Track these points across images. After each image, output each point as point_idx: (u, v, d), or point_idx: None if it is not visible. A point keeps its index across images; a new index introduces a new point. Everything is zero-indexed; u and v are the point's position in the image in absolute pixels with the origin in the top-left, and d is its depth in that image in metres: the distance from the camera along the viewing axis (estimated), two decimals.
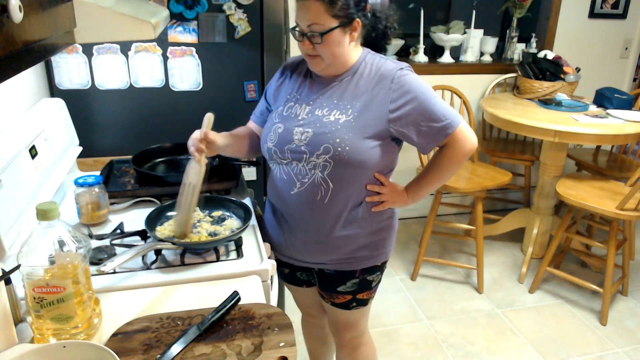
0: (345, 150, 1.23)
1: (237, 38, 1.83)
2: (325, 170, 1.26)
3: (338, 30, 1.21)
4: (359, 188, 1.32)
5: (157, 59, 1.81)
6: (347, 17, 1.21)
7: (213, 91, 1.87)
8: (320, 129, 1.26)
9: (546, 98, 2.99)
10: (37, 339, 0.97)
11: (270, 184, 1.43)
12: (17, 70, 0.69)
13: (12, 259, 1.00)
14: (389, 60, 1.31)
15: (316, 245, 1.37)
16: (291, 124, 1.30)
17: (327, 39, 1.21)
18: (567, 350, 2.34)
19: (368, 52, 1.32)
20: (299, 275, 1.57)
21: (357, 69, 1.29)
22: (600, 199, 2.45)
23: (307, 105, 1.31)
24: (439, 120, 1.26)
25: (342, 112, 1.26)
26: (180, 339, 0.97)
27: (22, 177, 1.25)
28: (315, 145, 1.25)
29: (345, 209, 1.32)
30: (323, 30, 1.20)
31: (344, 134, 1.24)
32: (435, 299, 2.69)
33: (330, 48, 1.23)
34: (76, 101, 1.78)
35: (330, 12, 1.19)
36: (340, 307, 1.49)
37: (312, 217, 1.33)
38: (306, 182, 1.29)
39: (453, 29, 3.27)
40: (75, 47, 1.75)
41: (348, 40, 1.24)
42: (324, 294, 1.50)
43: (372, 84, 1.27)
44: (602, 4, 3.47)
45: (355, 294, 1.45)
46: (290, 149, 1.29)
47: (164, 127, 1.88)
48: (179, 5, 1.75)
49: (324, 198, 1.29)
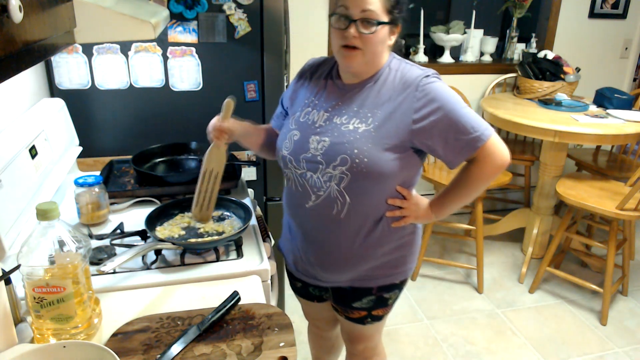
0: (363, 162, 1.16)
1: (237, 38, 1.83)
2: (341, 182, 1.19)
3: (387, 28, 1.16)
4: (378, 203, 1.24)
5: (157, 59, 1.81)
6: (395, 18, 1.17)
7: (213, 91, 1.87)
8: (337, 138, 1.19)
9: (546, 98, 2.99)
10: (37, 339, 0.97)
11: (285, 195, 1.37)
12: (17, 70, 0.69)
13: (12, 259, 1.00)
14: (414, 67, 1.23)
15: (332, 262, 1.32)
16: (307, 131, 1.24)
17: (378, 31, 1.14)
18: (567, 350, 2.34)
19: (393, 58, 1.25)
20: (311, 290, 1.51)
21: (381, 75, 1.22)
22: (600, 199, 2.45)
23: (325, 112, 1.24)
24: (467, 132, 1.16)
25: (361, 120, 1.19)
26: (180, 339, 0.97)
27: (22, 177, 1.25)
28: (332, 155, 1.19)
29: (364, 225, 1.25)
30: (380, 20, 1.13)
31: (362, 144, 1.16)
32: (435, 299, 2.69)
33: (374, 44, 1.16)
34: (76, 101, 1.78)
35: (386, 6, 1.14)
36: (354, 321, 1.44)
37: (328, 233, 1.27)
38: (321, 195, 1.23)
39: (453, 29, 3.27)
40: (75, 47, 1.75)
41: (388, 41, 1.20)
42: (339, 307, 1.45)
43: (396, 92, 1.19)
44: (602, 4, 3.47)
45: (370, 311, 1.39)
46: (305, 158, 1.23)
47: (164, 127, 1.88)
48: (179, 5, 1.75)
49: (340, 212, 1.23)
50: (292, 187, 1.30)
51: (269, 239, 1.40)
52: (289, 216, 1.37)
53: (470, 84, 3.34)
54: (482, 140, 1.17)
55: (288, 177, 1.31)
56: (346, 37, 1.15)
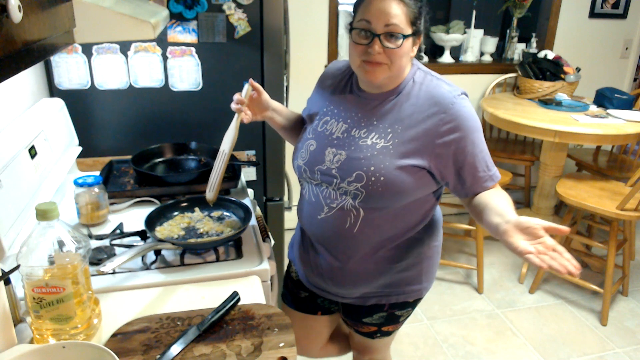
0: (379, 181, 1.11)
1: (237, 38, 1.83)
2: (356, 198, 1.15)
3: (410, 40, 1.11)
4: (394, 219, 1.19)
5: (157, 59, 1.80)
6: (418, 29, 1.13)
7: (213, 91, 1.87)
8: (354, 153, 1.15)
9: (546, 98, 2.98)
10: (37, 339, 0.97)
11: (299, 204, 1.33)
12: (17, 70, 0.69)
13: (12, 259, 1.00)
14: (442, 82, 1.17)
15: (344, 276, 1.27)
16: (324, 142, 1.20)
17: (403, 45, 1.10)
18: (567, 351, 2.34)
19: (418, 69, 1.19)
20: (320, 302, 1.47)
21: (404, 87, 1.16)
22: (600, 199, 2.45)
23: (344, 123, 1.20)
24: (483, 169, 1.14)
25: (380, 136, 1.14)
26: (180, 339, 0.97)
27: (22, 177, 1.25)
28: (348, 170, 1.15)
29: (378, 240, 1.21)
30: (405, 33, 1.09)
31: (379, 161, 1.12)
32: (435, 299, 2.69)
33: (399, 57, 1.10)
34: (76, 101, 1.78)
35: (410, 17, 1.09)
36: (363, 335, 1.41)
37: (340, 246, 1.23)
38: (334, 207, 1.19)
39: (453, 29, 3.27)
40: (75, 47, 1.75)
41: (411, 53, 1.14)
42: (348, 321, 1.43)
43: (420, 109, 1.13)
44: (602, 4, 3.47)
45: (380, 327, 1.37)
46: (320, 170, 1.19)
47: (164, 127, 1.88)
48: (178, 5, 1.75)
49: (353, 227, 1.18)
50: (305, 196, 1.28)
51: (268, 239, 1.40)
52: (302, 226, 1.34)
53: (470, 84, 3.34)
54: (493, 181, 1.16)
55: (303, 185, 1.29)
56: (369, 53, 1.10)
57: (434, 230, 1.32)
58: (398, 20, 1.08)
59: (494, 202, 1.09)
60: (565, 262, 0.89)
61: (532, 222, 0.94)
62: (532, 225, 0.93)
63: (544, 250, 0.91)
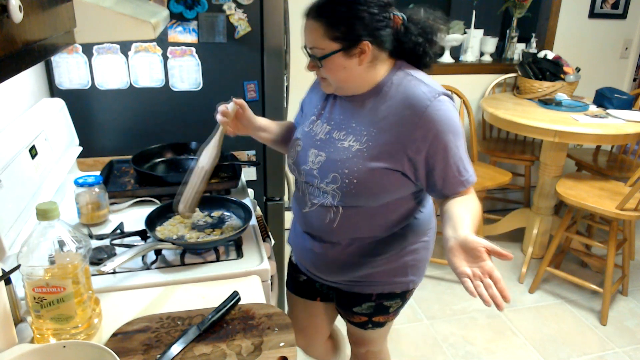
0: (352, 183, 1.14)
1: (237, 38, 1.83)
2: (335, 198, 1.20)
3: (340, 55, 1.09)
4: (371, 217, 1.21)
5: (157, 59, 1.81)
6: (351, 40, 1.08)
7: (213, 91, 1.87)
8: (333, 155, 1.18)
9: (546, 98, 2.99)
10: (37, 339, 0.97)
11: (293, 195, 1.40)
12: (17, 70, 0.69)
13: (12, 259, 1.00)
14: (421, 84, 1.13)
15: (327, 263, 1.33)
16: (309, 143, 1.25)
17: (327, 63, 1.11)
18: (567, 350, 2.34)
19: (399, 69, 1.16)
20: (317, 287, 1.50)
21: (382, 89, 1.15)
22: (600, 199, 2.45)
23: (328, 125, 1.23)
24: (454, 175, 1.13)
25: (357, 139, 1.15)
26: (180, 339, 0.97)
27: (22, 177, 1.25)
28: (325, 172, 1.19)
29: (356, 236, 1.25)
30: (322, 55, 1.10)
31: (353, 164, 1.14)
32: (435, 299, 2.69)
33: (333, 72, 1.12)
34: (76, 101, 1.78)
35: (329, 34, 1.08)
36: (356, 325, 1.44)
37: (322, 236, 1.29)
38: (316, 203, 1.25)
39: (453, 29, 3.27)
40: (75, 47, 1.75)
41: (356, 63, 1.11)
42: (341, 310, 1.47)
43: (395, 111, 1.12)
44: (602, 4, 3.47)
45: (371, 317, 1.39)
46: (305, 170, 1.25)
47: (164, 127, 1.88)
48: (179, 5, 1.75)
49: (333, 222, 1.23)
50: (297, 190, 1.34)
51: (269, 239, 1.40)
52: (294, 215, 1.41)
53: (470, 84, 3.34)
54: (464, 186, 1.15)
55: (295, 179, 1.35)
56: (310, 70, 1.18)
57: (421, 227, 1.31)
58: (315, 42, 1.11)
59: (454, 212, 1.09)
60: (495, 293, 0.91)
61: (476, 243, 0.95)
62: (476, 247, 0.94)
63: (480, 275, 0.93)
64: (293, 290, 1.57)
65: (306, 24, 1.12)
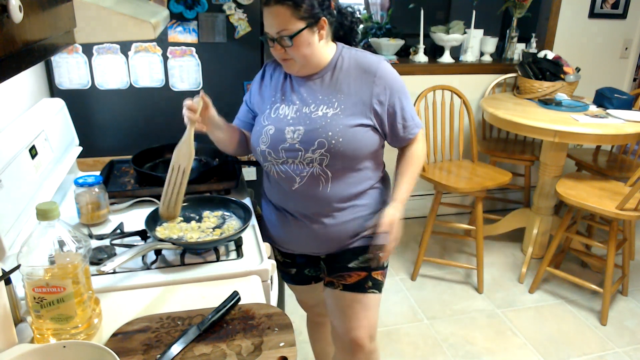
0: (339, 142, 1.28)
1: (237, 38, 1.83)
2: (322, 162, 1.31)
3: (306, 31, 1.25)
4: (359, 175, 1.37)
5: (157, 59, 1.81)
6: (313, 17, 1.25)
7: (213, 91, 1.86)
8: (310, 126, 1.30)
9: (546, 98, 2.99)
10: (37, 339, 0.97)
11: (267, 185, 1.47)
12: (17, 70, 0.69)
13: (12, 259, 1.00)
14: (368, 53, 1.36)
15: (324, 234, 1.39)
16: (281, 124, 1.33)
17: (296, 41, 1.25)
18: (567, 350, 2.34)
19: (343, 47, 1.37)
20: (307, 273, 1.59)
21: (335, 63, 1.34)
22: (600, 199, 2.45)
23: (293, 105, 1.34)
24: (410, 119, 1.38)
25: (328, 106, 1.31)
26: (180, 339, 0.97)
27: (22, 177, 1.25)
28: (309, 141, 1.29)
29: (347, 195, 1.36)
30: (291, 34, 1.24)
31: (334, 126, 1.28)
32: (435, 299, 2.69)
33: (301, 50, 1.26)
34: (76, 101, 1.78)
35: (296, 15, 1.23)
36: (354, 289, 1.43)
37: (316, 207, 1.37)
38: (305, 175, 1.33)
39: (453, 29, 3.27)
40: (75, 47, 1.75)
41: (317, 39, 1.29)
42: (334, 278, 1.45)
43: (354, 77, 1.32)
44: (602, 4, 3.47)
45: (370, 271, 1.43)
46: (284, 148, 1.32)
47: (164, 127, 1.88)
48: (179, 5, 1.75)
49: (326, 187, 1.34)
50: (274, 177, 1.39)
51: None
52: (276, 204, 1.45)
53: (470, 84, 3.34)
54: (418, 128, 1.41)
55: (268, 169, 1.39)
56: (276, 53, 1.30)
57: (387, 179, 1.52)
58: (283, 24, 1.24)
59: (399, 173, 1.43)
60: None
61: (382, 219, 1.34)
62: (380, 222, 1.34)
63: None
64: (289, 281, 1.66)
65: (270, 10, 1.24)
